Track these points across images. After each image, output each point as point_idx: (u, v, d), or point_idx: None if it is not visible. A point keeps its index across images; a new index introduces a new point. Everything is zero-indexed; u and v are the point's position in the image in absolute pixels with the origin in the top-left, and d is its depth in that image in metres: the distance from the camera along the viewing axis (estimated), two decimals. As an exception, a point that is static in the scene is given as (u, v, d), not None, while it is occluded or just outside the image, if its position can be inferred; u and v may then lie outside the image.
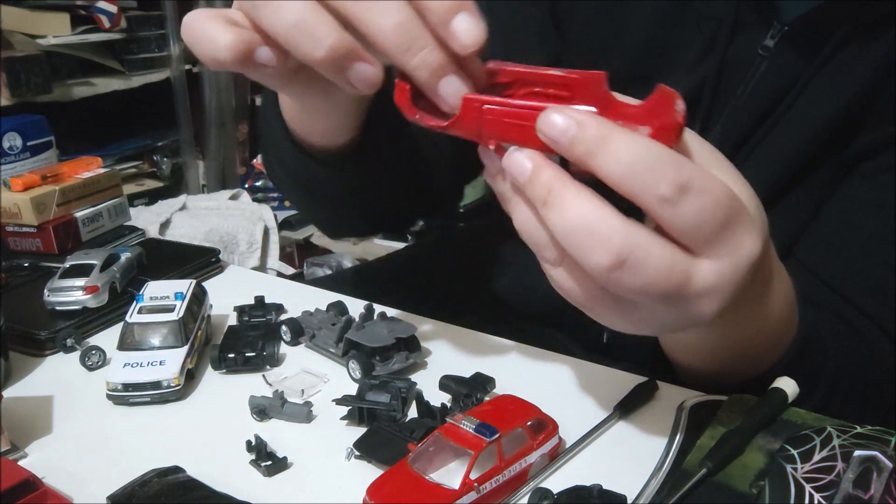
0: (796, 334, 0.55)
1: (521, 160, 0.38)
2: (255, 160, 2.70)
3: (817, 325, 0.58)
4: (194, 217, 1.96)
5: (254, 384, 0.60)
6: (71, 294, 0.69)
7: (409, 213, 0.81)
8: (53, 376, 0.64)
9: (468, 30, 0.37)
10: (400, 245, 2.29)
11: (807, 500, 0.40)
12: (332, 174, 0.61)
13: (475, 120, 0.39)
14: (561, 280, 0.41)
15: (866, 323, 0.62)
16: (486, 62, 0.40)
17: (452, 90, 0.38)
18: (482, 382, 0.57)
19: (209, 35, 0.39)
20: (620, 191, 0.37)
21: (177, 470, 0.48)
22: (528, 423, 0.48)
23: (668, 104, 0.38)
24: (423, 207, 0.82)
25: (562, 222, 0.37)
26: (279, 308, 0.72)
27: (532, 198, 0.39)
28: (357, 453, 0.51)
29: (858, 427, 0.45)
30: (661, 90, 0.38)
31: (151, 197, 2.30)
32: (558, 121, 0.37)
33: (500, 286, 0.83)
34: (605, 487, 0.45)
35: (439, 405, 0.55)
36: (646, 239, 0.37)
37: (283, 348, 0.66)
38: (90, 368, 0.63)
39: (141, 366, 0.59)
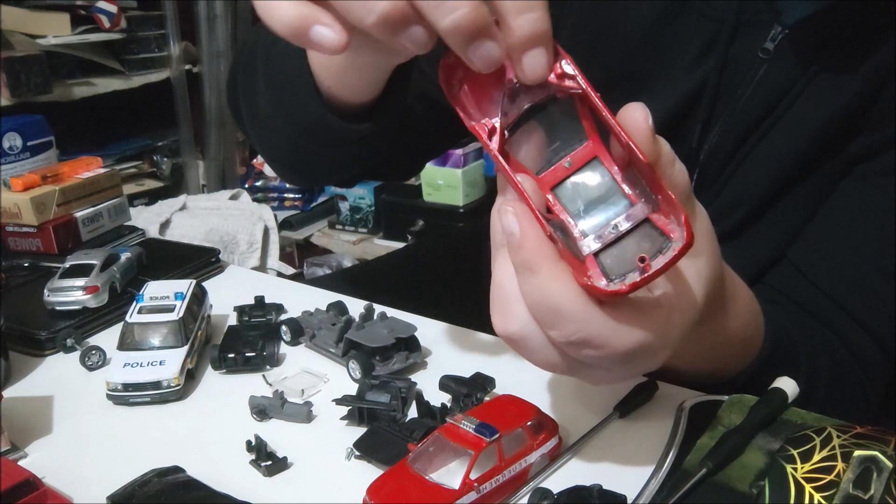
0: (763, 343, 0.56)
1: (510, 222, 0.39)
2: (255, 160, 2.70)
3: (789, 332, 0.59)
4: (194, 217, 1.96)
5: (254, 384, 0.60)
6: (71, 294, 0.69)
7: (393, 169, 0.81)
8: (53, 376, 0.64)
9: (539, 66, 0.36)
10: (400, 245, 2.29)
11: (807, 500, 0.40)
12: (352, 127, 0.59)
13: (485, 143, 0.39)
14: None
15: (854, 326, 0.62)
16: (565, 58, 0.38)
17: (483, 56, 0.36)
18: (482, 382, 0.57)
19: (272, 3, 0.37)
20: None
21: (177, 470, 0.48)
22: (528, 423, 0.48)
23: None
24: (401, 167, 0.82)
25: (531, 295, 0.39)
26: (279, 308, 0.72)
27: (512, 260, 0.40)
28: (357, 453, 0.51)
29: (858, 427, 0.45)
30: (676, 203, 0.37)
31: (151, 197, 2.30)
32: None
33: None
34: (605, 487, 0.45)
35: (439, 405, 0.55)
36: (602, 325, 0.39)
37: (283, 348, 0.66)
38: (90, 368, 0.63)
39: (141, 366, 0.59)
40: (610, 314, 0.39)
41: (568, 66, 0.38)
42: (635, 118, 0.38)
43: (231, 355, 0.62)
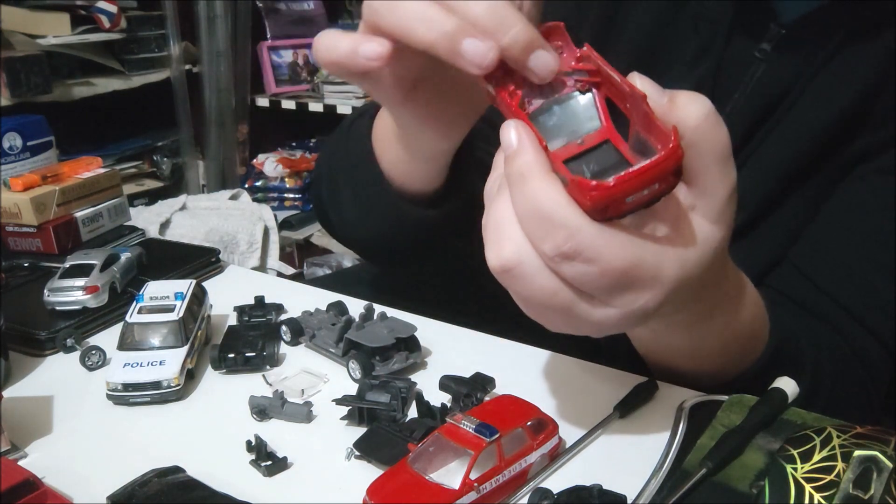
0: (769, 341, 0.56)
1: (509, 134, 0.41)
2: (254, 160, 2.70)
3: (793, 331, 0.59)
4: (194, 217, 1.96)
5: (254, 384, 0.60)
6: (71, 294, 0.69)
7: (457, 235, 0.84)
8: (53, 376, 0.64)
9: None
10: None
11: (807, 500, 0.40)
12: (424, 213, 0.65)
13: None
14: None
15: (856, 326, 0.62)
16: (584, 45, 0.43)
17: (542, 63, 0.41)
18: (482, 382, 0.57)
19: (331, 42, 0.45)
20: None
21: (177, 470, 0.48)
22: (528, 423, 0.48)
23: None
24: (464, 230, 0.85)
25: (521, 203, 0.40)
26: (279, 308, 0.72)
27: (507, 172, 0.41)
28: (357, 453, 0.51)
29: (859, 427, 0.45)
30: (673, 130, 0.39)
31: (151, 197, 2.30)
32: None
33: (499, 286, 0.83)
34: (605, 487, 0.45)
35: (439, 405, 0.55)
36: (594, 233, 0.39)
37: (283, 348, 0.66)
38: (90, 368, 0.63)
39: (141, 366, 0.59)
40: (602, 224, 0.39)
41: (586, 50, 0.42)
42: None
43: (231, 355, 0.62)
